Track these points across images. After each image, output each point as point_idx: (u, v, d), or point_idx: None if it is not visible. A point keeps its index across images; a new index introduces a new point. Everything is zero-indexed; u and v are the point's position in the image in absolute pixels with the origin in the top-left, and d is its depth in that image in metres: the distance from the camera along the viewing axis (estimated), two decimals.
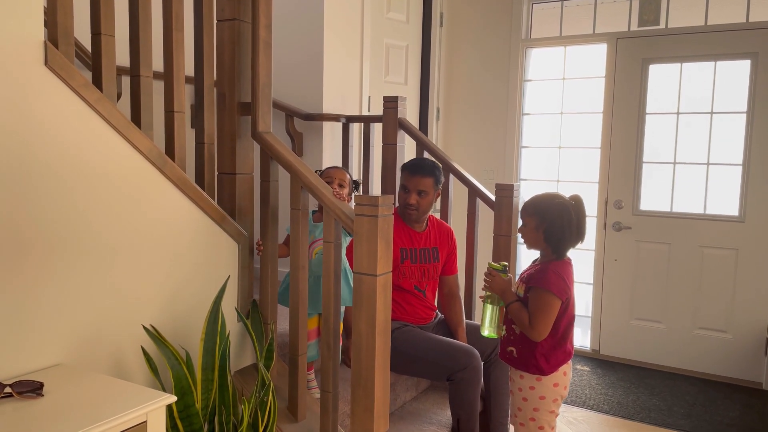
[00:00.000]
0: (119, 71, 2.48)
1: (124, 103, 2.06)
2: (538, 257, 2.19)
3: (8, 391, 1.41)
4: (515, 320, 2.08)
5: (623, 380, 3.75)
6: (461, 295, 2.87)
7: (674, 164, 3.94)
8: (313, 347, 2.33)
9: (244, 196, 2.25)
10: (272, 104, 2.23)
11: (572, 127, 4.33)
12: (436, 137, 4.50)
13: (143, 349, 1.83)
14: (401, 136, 3.17)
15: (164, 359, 1.78)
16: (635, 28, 4.03)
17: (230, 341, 2.01)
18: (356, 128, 3.62)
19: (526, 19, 4.35)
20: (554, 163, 4.40)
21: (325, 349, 2.02)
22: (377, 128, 3.39)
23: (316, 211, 2.40)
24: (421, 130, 4.18)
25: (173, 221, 1.96)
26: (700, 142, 3.87)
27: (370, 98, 3.79)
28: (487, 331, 2.19)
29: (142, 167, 1.85)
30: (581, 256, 4.00)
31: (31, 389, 1.42)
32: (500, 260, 2.73)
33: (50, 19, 1.64)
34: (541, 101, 4.42)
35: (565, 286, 2.02)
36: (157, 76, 2.04)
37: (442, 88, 4.53)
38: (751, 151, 3.69)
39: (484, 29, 4.43)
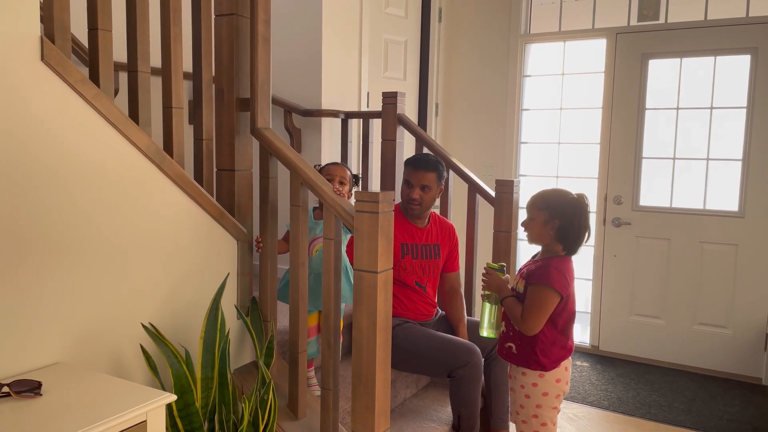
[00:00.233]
0: (116, 67, 2.45)
1: (121, 99, 2.04)
2: (537, 253, 2.18)
3: (6, 390, 1.39)
4: (509, 314, 2.08)
5: (623, 376, 3.75)
6: (462, 291, 2.86)
7: (674, 159, 3.93)
8: (313, 344, 2.32)
9: (243, 192, 2.24)
10: (271, 100, 2.21)
11: (571, 122, 4.32)
12: (434, 133, 4.48)
13: (142, 347, 1.82)
14: (400, 132, 3.16)
15: (163, 357, 1.77)
16: (635, 23, 4.01)
17: (230, 339, 2.00)
18: (355, 124, 3.60)
19: (525, 14, 4.33)
20: (553, 158, 4.39)
21: (325, 346, 2.01)
22: (376, 124, 3.38)
23: (317, 208, 2.38)
24: (419, 125, 4.16)
25: (172, 218, 1.94)
26: (699, 137, 3.86)
27: (368, 94, 3.77)
28: (485, 331, 2.18)
29: (140, 164, 1.83)
30: (581, 252, 3.97)
31: (29, 389, 1.41)
32: (499, 257, 2.73)
33: (46, 14, 1.62)
34: (540, 97, 4.40)
35: (566, 282, 2.02)
36: (154, 72, 2.02)
37: (440, 83, 4.51)
38: (751, 146, 3.68)
39: (482, 24, 4.41)
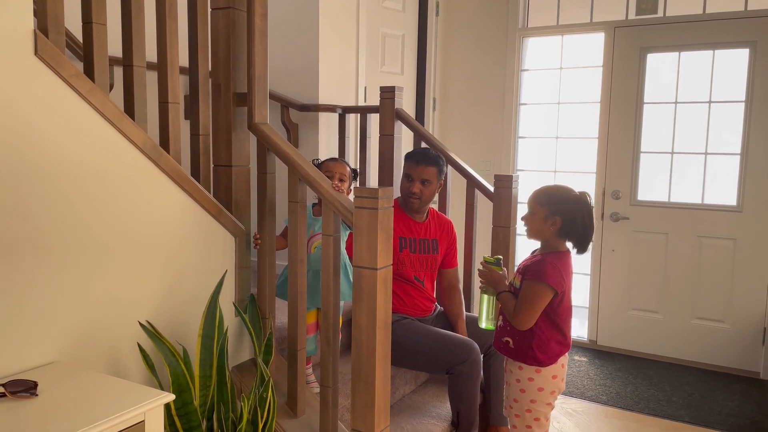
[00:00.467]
0: (111, 62, 2.42)
1: (116, 94, 2.01)
2: (537, 248, 2.18)
3: (1, 390, 1.37)
4: (503, 309, 2.09)
5: (621, 371, 3.75)
6: (460, 287, 2.85)
7: (672, 154, 3.92)
8: (311, 342, 2.31)
9: (240, 188, 2.22)
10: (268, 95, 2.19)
11: (569, 117, 4.30)
12: (432, 128, 4.46)
13: (139, 345, 1.79)
14: (398, 126, 3.14)
15: (161, 356, 1.75)
16: (633, 16, 3.99)
17: (228, 336, 1.98)
18: (352, 119, 3.58)
19: (522, 7, 4.30)
20: (551, 153, 4.38)
21: (324, 343, 1.99)
22: (374, 119, 3.36)
23: (316, 204, 2.36)
24: (417, 120, 4.13)
25: (169, 215, 1.92)
26: (698, 131, 3.85)
27: (366, 89, 3.75)
28: (484, 323, 2.20)
29: (136, 160, 1.81)
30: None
31: (24, 389, 1.39)
32: (498, 252, 2.71)
33: (40, 7, 1.59)
34: (538, 91, 4.38)
35: (561, 278, 2.01)
36: (149, 66, 1.99)
37: (438, 78, 4.49)
38: (749, 140, 3.68)
39: (480, 18, 4.39)
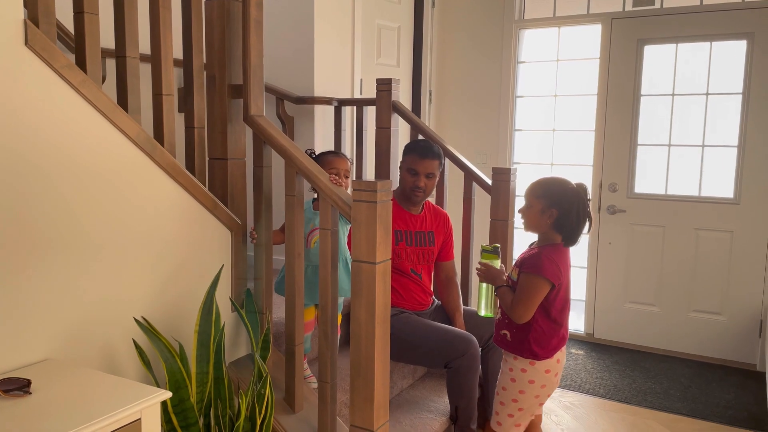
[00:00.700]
0: (103, 54, 2.38)
1: (108, 87, 1.98)
2: (535, 241, 2.17)
3: None
4: (501, 303, 2.09)
5: (618, 363, 3.75)
6: (458, 281, 2.83)
7: (669, 146, 3.91)
8: (307, 340, 2.28)
9: (236, 182, 2.19)
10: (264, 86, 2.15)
11: (566, 109, 4.28)
12: (428, 121, 4.43)
13: (135, 342, 1.77)
14: (395, 119, 3.10)
15: (157, 352, 1.73)
16: (630, 8, 3.96)
17: (224, 332, 1.96)
18: (348, 112, 3.54)
19: None
20: (548, 146, 4.35)
21: (322, 338, 1.97)
22: (370, 112, 3.32)
23: (316, 199, 2.33)
24: (413, 113, 4.11)
25: (163, 209, 1.89)
26: (695, 123, 3.83)
27: (362, 81, 3.71)
28: (483, 311, 2.21)
29: (130, 153, 1.77)
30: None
31: (17, 387, 1.36)
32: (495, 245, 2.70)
33: None
34: (534, 83, 4.36)
35: (557, 271, 2.01)
36: (142, 59, 1.95)
37: (434, 70, 4.45)
38: (746, 132, 3.67)
39: (476, 9, 4.35)
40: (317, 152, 2.39)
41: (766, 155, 3.63)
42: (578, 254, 4.20)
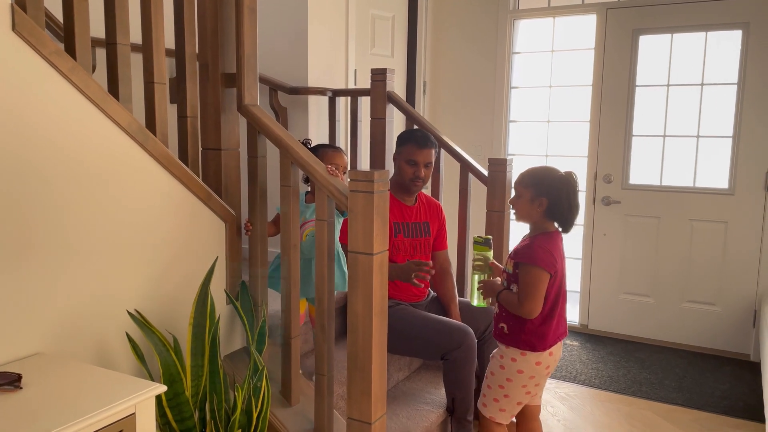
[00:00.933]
0: (93, 43, 2.33)
1: (99, 77, 1.93)
2: (528, 233, 2.16)
3: None
4: (506, 306, 2.07)
5: (613, 354, 3.75)
6: (453, 272, 2.81)
7: (664, 137, 3.90)
8: None
9: (230, 172, 2.15)
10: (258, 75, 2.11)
11: (561, 100, 4.26)
12: (423, 112, 4.40)
13: (128, 335, 1.73)
14: (390, 110, 3.07)
15: (151, 346, 1.70)
16: None
17: (219, 325, 1.93)
18: (342, 102, 3.51)
19: None
20: (543, 137, 4.34)
21: (319, 331, 1.94)
22: (364, 102, 3.29)
23: (309, 192, 2.30)
24: (408, 104, 4.08)
25: (156, 200, 1.85)
26: (690, 114, 3.82)
27: (356, 71, 3.67)
28: (476, 300, 2.21)
29: (121, 143, 1.74)
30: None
31: (8, 381, 1.33)
32: (492, 237, 2.68)
33: None
34: (529, 74, 4.33)
35: (551, 259, 2.00)
36: (134, 48, 1.91)
37: (428, 61, 4.42)
38: (741, 123, 3.66)
39: None
40: (312, 144, 2.36)
41: (760, 146, 3.62)
42: (573, 245, 4.20)
